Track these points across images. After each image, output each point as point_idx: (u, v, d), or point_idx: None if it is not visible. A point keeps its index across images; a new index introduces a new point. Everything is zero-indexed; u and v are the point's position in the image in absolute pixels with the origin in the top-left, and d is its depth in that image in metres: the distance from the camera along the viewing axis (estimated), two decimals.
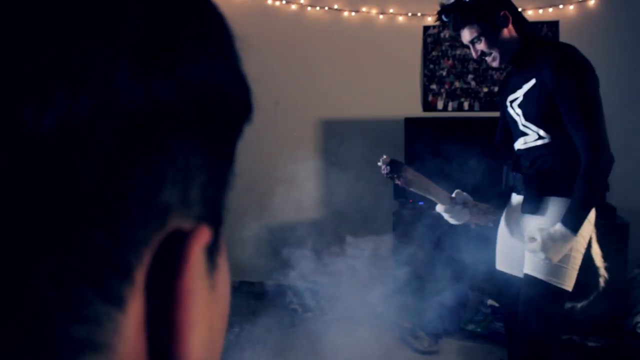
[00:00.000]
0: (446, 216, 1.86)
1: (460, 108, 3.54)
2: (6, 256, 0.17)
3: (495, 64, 1.77)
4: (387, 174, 1.73)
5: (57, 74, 0.17)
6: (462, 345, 2.92)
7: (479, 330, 2.96)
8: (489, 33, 1.71)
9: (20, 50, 0.17)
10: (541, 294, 1.67)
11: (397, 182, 1.75)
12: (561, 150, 1.68)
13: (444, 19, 1.77)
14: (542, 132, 1.71)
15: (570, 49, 1.68)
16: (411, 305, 3.22)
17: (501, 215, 1.91)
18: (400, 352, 2.87)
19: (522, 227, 1.80)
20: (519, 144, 1.80)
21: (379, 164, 1.75)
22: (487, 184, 1.93)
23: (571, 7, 3.31)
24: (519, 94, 1.76)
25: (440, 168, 3.29)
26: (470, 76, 3.50)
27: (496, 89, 3.46)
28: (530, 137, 1.75)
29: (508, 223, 1.88)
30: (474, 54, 1.78)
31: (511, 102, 1.81)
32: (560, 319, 1.72)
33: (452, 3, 1.73)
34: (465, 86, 3.51)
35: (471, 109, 3.51)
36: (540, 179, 1.72)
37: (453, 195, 1.83)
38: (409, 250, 3.27)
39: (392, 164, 1.71)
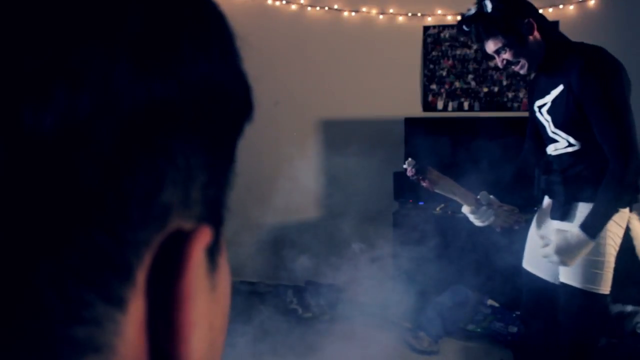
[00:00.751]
0: (471, 217, 1.83)
1: (460, 108, 3.54)
2: (6, 257, 0.17)
3: (523, 72, 1.73)
4: (412, 175, 1.73)
5: (56, 74, 0.17)
6: (462, 345, 2.92)
7: (479, 330, 2.96)
8: (514, 43, 1.66)
9: (19, 51, 0.17)
10: (580, 301, 1.66)
11: (423, 183, 1.74)
12: (591, 157, 1.65)
13: (465, 29, 1.72)
14: (572, 140, 1.68)
15: (596, 53, 1.63)
16: (411, 305, 3.22)
17: (525, 218, 1.90)
18: (400, 352, 2.87)
19: (550, 232, 1.79)
20: (550, 150, 1.77)
21: (405, 166, 1.74)
22: (516, 185, 1.92)
23: (571, 7, 3.31)
24: (547, 99, 1.72)
25: (440, 168, 3.29)
26: (470, 76, 3.50)
27: (496, 89, 3.46)
28: (560, 144, 1.72)
29: (539, 225, 1.87)
30: (499, 64, 1.74)
31: (539, 107, 1.77)
32: (600, 322, 1.73)
33: (474, 14, 1.68)
34: (465, 86, 3.51)
35: (471, 109, 3.51)
36: (569, 185, 1.70)
37: (478, 196, 1.81)
38: (409, 250, 3.27)
39: (418, 166, 1.71)
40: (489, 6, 1.65)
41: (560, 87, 1.66)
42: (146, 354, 0.20)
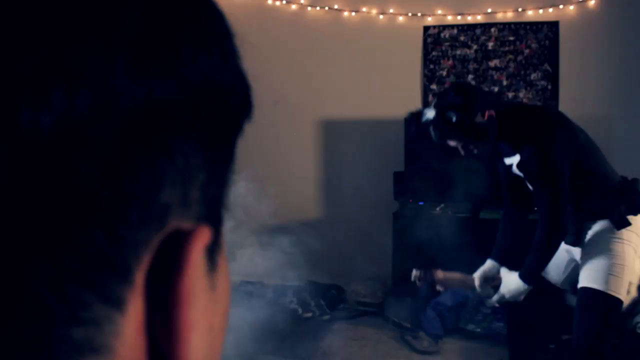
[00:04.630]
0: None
1: None
2: (4, 258, 0.17)
3: (483, 154, 1.85)
4: (422, 285, 1.89)
5: (53, 73, 0.17)
6: (462, 345, 2.92)
7: (479, 330, 2.95)
8: (476, 141, 1.76)
9: (16, 50, 0.17)
10: (600, 304, 1.75)
11: (438, 288, 1.91)
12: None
13: (423, 125, 1.80)
14: None
15: (539, 122, 1.73)
16: (411, 305, 3.22)
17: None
18: (400, 352, 2.87)
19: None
20: None
21: (412, 279, 1.91)
22: (513, 244, 2.01)
23: (571, 7, 3.31)
24: (513, 160, 1.86)
25: (439, 168, 3.29)
26: (470, 76, 3.49)
27: (496, 89, 3.46)
28: None
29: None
30: (461, 152, 1.84)
31: (509, 165, 1.90)
32: (614, 327, 1.84)
33: (436, 120, 1.74)
34: None
35: None
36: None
37: (474, 276, 1.95)
38: (408, 250, 3.26)
39: (423, 273, 1.88)
40: (454, 117, 1.72)
41: (517, 156, 1.82)
42: (145, 354, 0.20)
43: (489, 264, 1.93)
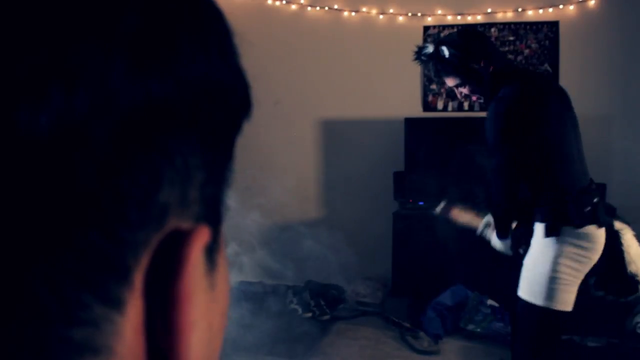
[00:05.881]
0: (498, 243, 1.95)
1: (460, 108, 3.54)
2: (3, 258, 0.17)
3: (481, 101, 1.84)
4: (440, 216, 2.03)
5: (52, 73, 0.17)
6: (462, 345, 2.92)
7: (479, 330, 2.95)
8: (470, 82, 1.75)
9: (14, 50, 0.16)
10: (536, 317, 1.73)
11: (450, 217, 2.01)
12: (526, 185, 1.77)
13: (423, 59, 1.80)
14: None
15: (506, 93, 1.68)
16: (411, 305, 3.22)
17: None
18: (400, 352, 2.87)
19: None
20: None
21: (437, 211, 2.06)
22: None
23: (571, 7, 3.31)
24: None
25: (439, 168, 3.29)
26: None
27: None
28: None
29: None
30: (458, 95, 1.85)
31: None
32: (551, 337, 1.76)
33: (432, 54, 1.75)
34: None
35: (471, 109, 3.51)
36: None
37: (483, 220, 2.00)
38: (408, 250, 3.26)
39: (446, 208, 2.04)
40: (446, 52, 1.72)
41: None
42: (144, 354, 0.20)
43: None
